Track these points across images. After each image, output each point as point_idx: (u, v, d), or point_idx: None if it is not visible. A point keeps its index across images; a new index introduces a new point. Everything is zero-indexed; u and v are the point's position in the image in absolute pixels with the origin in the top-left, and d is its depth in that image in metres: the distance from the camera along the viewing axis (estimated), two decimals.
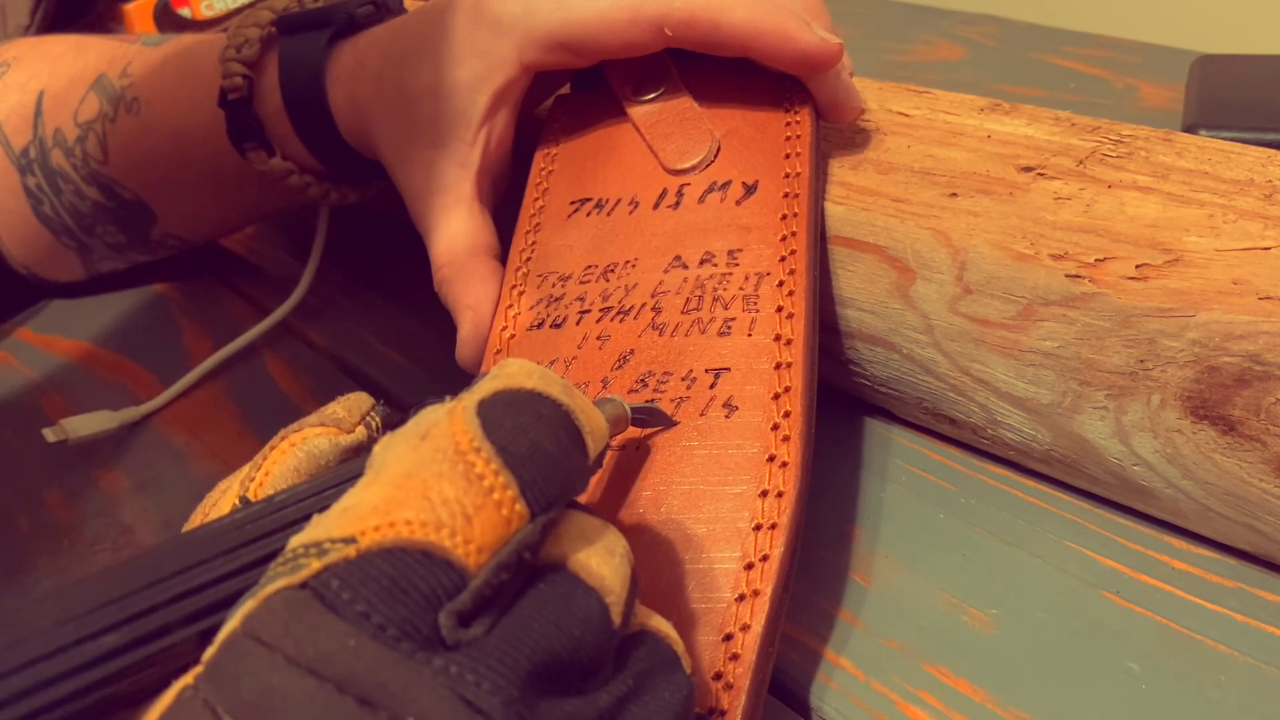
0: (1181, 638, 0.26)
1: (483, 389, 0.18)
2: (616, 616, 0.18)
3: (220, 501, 0.22)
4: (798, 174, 0.30)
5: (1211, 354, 0.25)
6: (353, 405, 0.23)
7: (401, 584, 0.15)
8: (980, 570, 0.28)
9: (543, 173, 0.34)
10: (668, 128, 0.32)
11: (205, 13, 0.67)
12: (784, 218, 0.29)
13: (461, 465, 0.16)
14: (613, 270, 0.30)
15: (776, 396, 0.25)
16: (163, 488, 0.36)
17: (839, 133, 0.34)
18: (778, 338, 0.26)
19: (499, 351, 0.30)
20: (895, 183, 0.31)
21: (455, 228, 0.33)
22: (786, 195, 0.30)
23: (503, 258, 0.33)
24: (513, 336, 0.30)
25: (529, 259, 0.31)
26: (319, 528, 0.16)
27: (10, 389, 0.43)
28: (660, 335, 0.28)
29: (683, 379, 0.26)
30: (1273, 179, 0.28)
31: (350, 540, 0.15)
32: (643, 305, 0.28)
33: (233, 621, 0.15)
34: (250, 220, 0.49)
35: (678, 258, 0.29)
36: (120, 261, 0.47)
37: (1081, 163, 0.30)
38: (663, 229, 0.30)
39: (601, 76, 0.34)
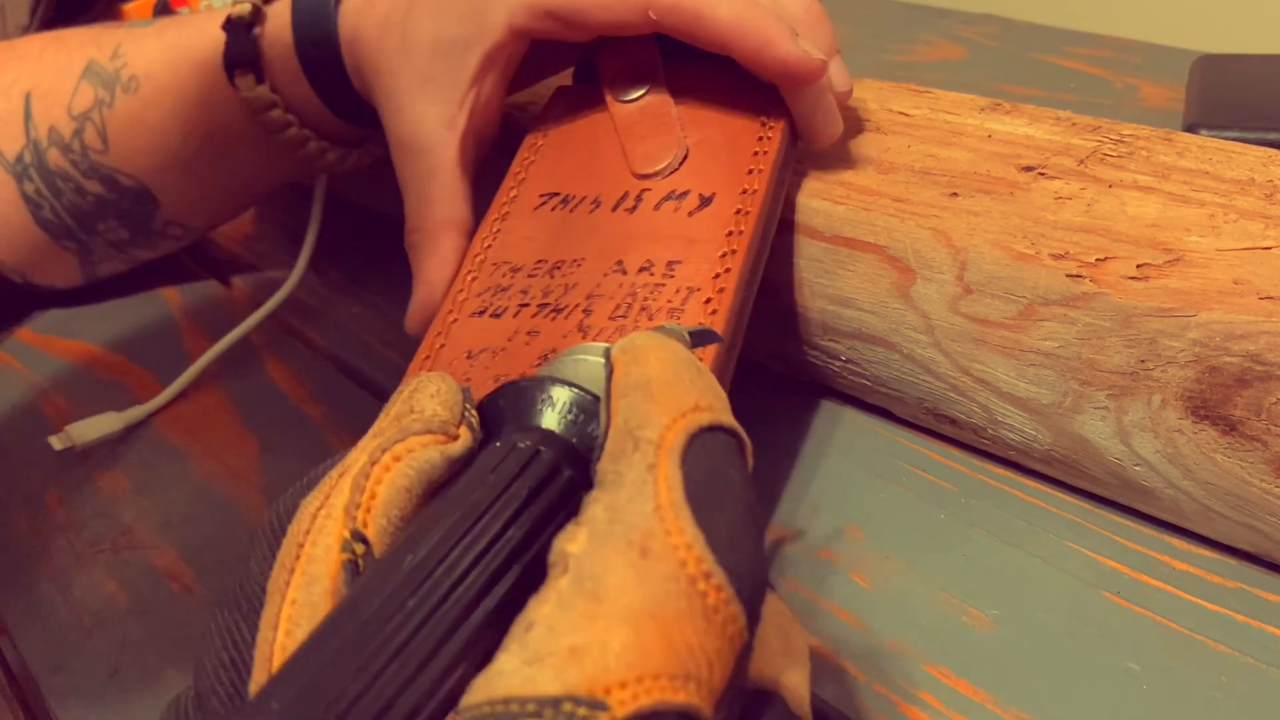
0: (1182, 638, 0.26)
1: (671, 441, 0.16)
2: None
3: (317, 537, 0.17)
4: (754, 191, 0.29)
5: (1212, 354, 0.25)
6: (448, 399, 0.20)
7: None
8: (980, 570, 0.28)
9: (524, 162, 0.34)
10: (643, 130, 0.32)
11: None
12: (729, 234, 0.28)
13: (699, 602, 0.15)
14: (559, 268, 0.30)
15: None
16: (163, 488, 0.36)
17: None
18: None
19: (439, 333, 0.30)
20: (896, 182, 0.31)
21: (432, 193, 0.33)
22: (738, 212, 0.29)
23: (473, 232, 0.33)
24: (455, 320, 0.30)
25: (489, 246, 0.32)
26: (546, 667, 0.13)
27: (10, 390, 0.43)
28: (584, 338, 0.27)
29: None
30: (1273, 179, 0.28)
31: (598, 705, 0.13)
32: (575, 306, 0.28)
33: None
34: (251, 199, 0.48)
35: (619, 263, 0.29)
36: (121, 261, 0.47)
37: (1082, 162, 0.30)
38: (613, 232, 0.30)
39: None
